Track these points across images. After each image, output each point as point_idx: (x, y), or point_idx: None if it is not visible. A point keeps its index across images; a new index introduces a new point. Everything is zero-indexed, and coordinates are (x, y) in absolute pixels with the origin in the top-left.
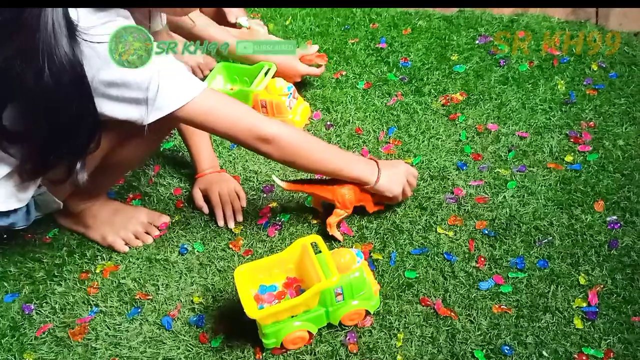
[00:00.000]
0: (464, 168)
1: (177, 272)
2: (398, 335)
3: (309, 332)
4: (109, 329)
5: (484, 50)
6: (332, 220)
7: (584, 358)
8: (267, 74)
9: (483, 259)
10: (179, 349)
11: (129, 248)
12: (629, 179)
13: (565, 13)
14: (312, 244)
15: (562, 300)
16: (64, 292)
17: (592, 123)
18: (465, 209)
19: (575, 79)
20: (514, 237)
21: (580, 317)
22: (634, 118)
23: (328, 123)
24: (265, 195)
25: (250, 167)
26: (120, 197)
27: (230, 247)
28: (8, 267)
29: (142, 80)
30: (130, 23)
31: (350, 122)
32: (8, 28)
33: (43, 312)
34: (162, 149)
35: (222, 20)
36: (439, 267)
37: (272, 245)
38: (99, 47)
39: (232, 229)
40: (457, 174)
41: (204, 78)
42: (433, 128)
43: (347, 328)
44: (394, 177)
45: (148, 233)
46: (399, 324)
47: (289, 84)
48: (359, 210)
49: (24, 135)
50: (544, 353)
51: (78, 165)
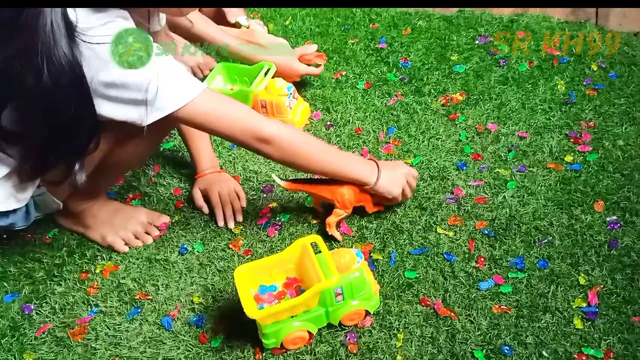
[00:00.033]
0: (464, 168)
1: (177, 272)
2: (398, 336)
3: (309, 332)
4: (109, 329)
5: (484, 51)
6: (331, 220)
7: (584, 358)
8: (267, 74)
9: (483, 259)
10: (179, 349)
11: (129, 248)
12: (629, 179)
13: (565, 13)
14: (312, 244)
15: (562, 301)
16: (64, 292)
17: (592, 123)
18: (465, 209)
19: (575, 79)
20: (514, 237)
21: (580, 317)
22: (634, 118)
23: (328, 123)
24: (265, 196)
25: (250, 167)
26: (120, 197)
27: (230, 247)
28: (8, 267)
29: (141, 82)
30: (130, 24)
31: (350, 122)
32: (8, 28)
33: (43, 312)
34: (162, 149)
35: (221, 20)
36: (439, 267)
37: (272, 246)
38: (98, 48)
39: (232, 229)
40: (457, 174)
41: (204, 78)
42: (433, 128)
43: (347, 328)
44: (394, 178)
45: (148, 233)
46: (399, 324)
47: (289, 84)
48: (359, 211)
49: (23, 136)
50: (544, 353)
51: (77, 166)
